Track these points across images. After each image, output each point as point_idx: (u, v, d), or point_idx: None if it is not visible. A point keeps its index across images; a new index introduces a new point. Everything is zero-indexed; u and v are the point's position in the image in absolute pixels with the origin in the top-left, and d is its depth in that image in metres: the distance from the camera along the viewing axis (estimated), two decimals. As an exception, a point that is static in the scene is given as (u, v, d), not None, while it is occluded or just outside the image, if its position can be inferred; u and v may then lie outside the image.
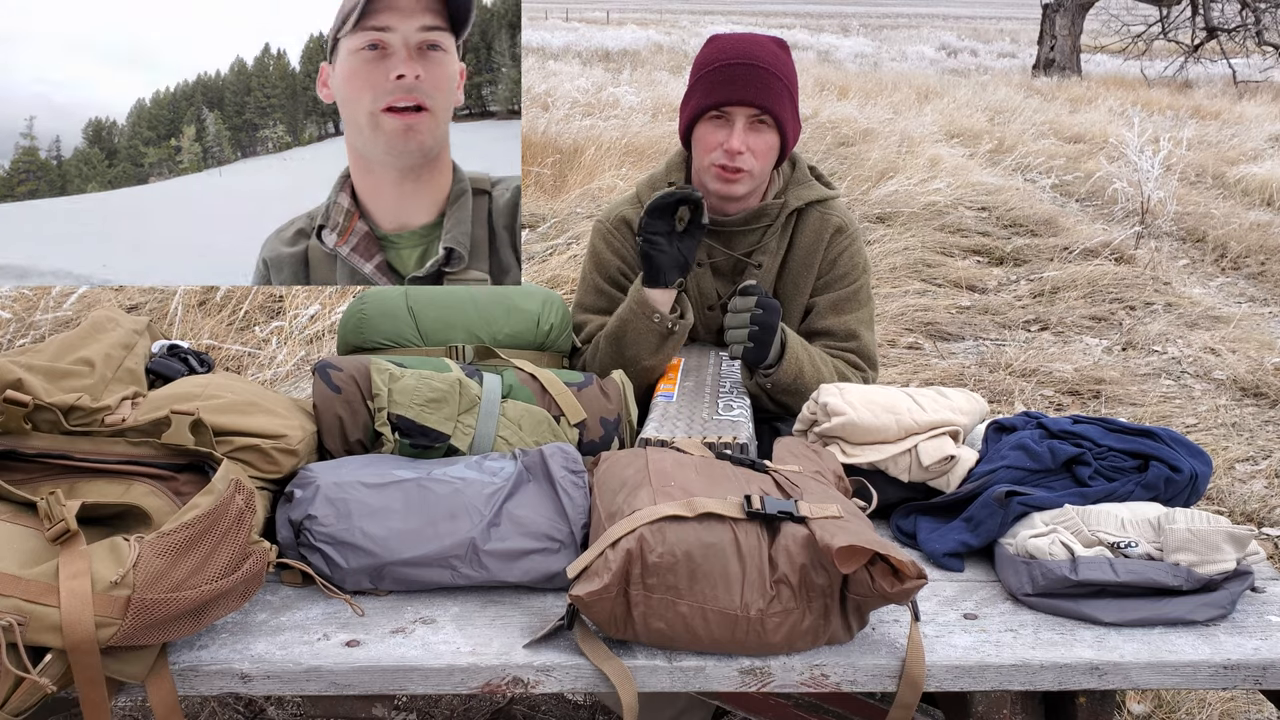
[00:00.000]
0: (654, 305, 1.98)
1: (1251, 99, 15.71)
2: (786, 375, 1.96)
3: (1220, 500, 3.42)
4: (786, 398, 1.99)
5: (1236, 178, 9.15)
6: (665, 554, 1.33)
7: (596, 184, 7.46)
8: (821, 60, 22.84)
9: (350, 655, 1.35)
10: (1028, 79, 18.89)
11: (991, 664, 1.36)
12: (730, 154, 1.98)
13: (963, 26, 43.28)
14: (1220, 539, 1.45)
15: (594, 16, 41.94)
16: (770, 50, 2.00)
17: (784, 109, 1.98)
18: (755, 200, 2.11)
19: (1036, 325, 5.36)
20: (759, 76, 1.95)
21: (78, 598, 1.19)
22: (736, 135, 1.97)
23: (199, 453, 1.43)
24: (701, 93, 2.00)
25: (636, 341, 1.99)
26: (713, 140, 2.00)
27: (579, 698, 2.36)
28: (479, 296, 2.01)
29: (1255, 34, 19.90)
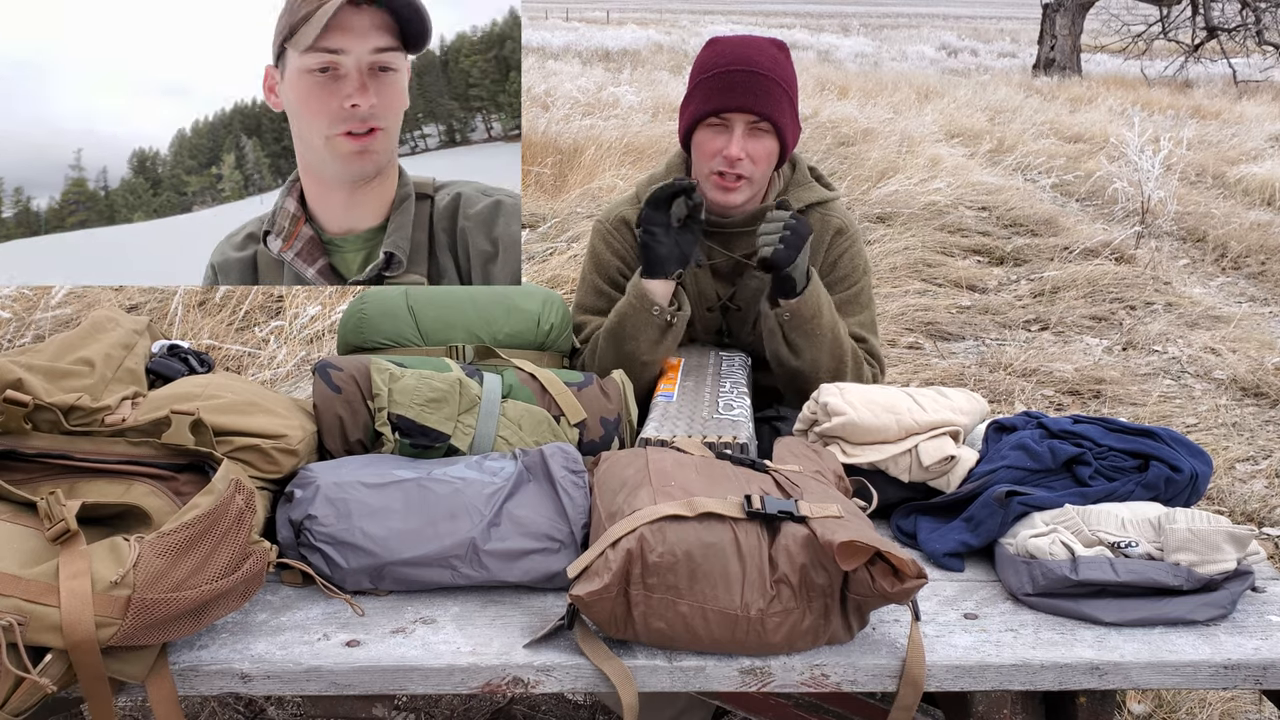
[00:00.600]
0: (652, 297, 1.98)
1: (1251, 99, 15.71)
2: (808, 307, 1.96)
3: (1220, 500, 3.42)
4: (801, 339, 1.98)
5: (1236, 178, 9.15)
6: (665, 554, 1.33)
7: (596, 184, 7.46)
8: (821, 60, 22.84)
9: (350, 655, 1.35)
10: (1028, 79, 18.89)
11: (992, 664, 1.36)
12: (729, 161, 1.98)
13: (963, 26, 43.28)
14: (1220, 539, 1.45)
15: (594, 16, 41.93)
16: (769, 54, 1.99)
17: (782, 114, 1.98)
18: (755, 202, 2.11)
19: (1036, 325, 5.36)
20: (757, 83, 1.95)
21: (78, 598, 1.19)
22: (735, 142, 1.97)
23: (199, 453, 1.43)
24: (700, 98, 1.99)
25: (635, 335, 1.99)
26: (712, 147, 2.00)
27: (579, 698, 2.36)
28: (479, 296, 2.01)
29: (1255, 34, 19.89)
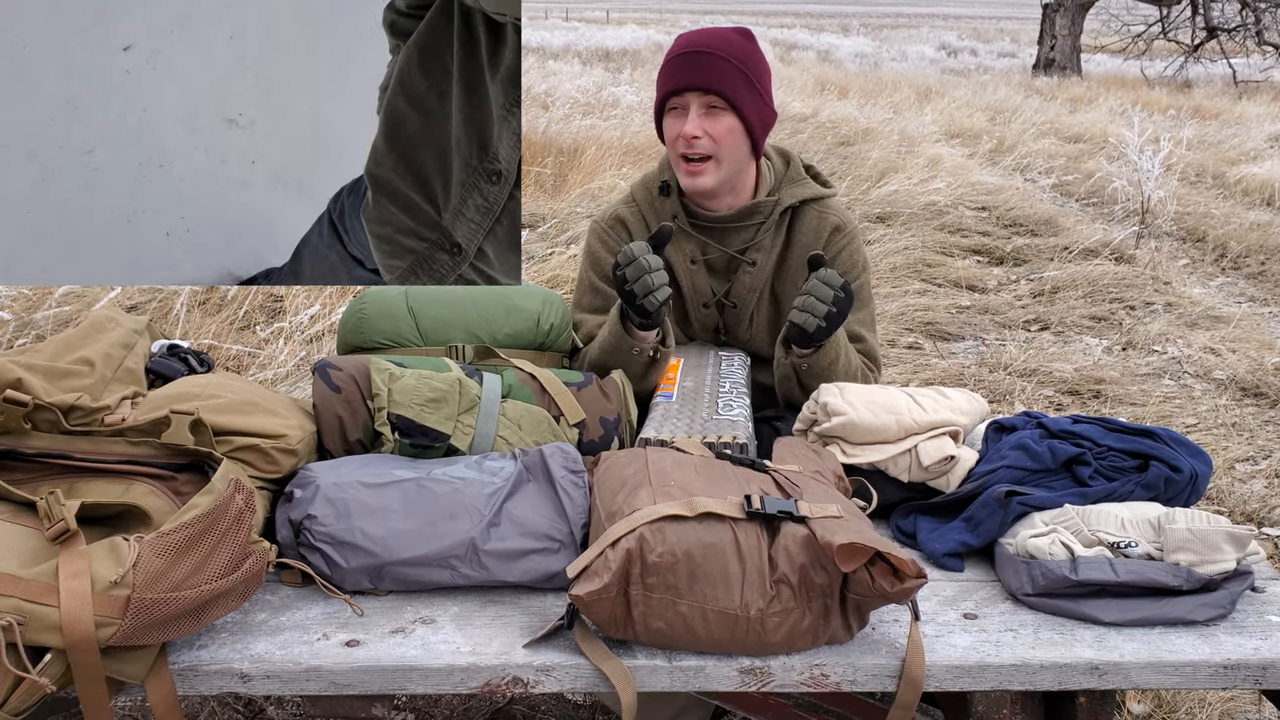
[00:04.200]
0: (634, 339, 1.97)
1: (1251, 99, 15.70)
2: (826, 358, 1.96)
3: (1220, 500, 3.42)
4: (816, 382, 1.97)
5: (1236, 178, 9.14)
6: (665, 554, 1.33)
7: (596, 184, 7.46)
8: (821, 60, 22.83)
9: (350, 655, 1.35)
10: (1028, 79, 18.88)
11: (991, 664, 1.36)
12: (687, 140, 1.97)
13: (963, 26, 43.27)
14: (1220, 539, 1.45)
15: (594, 16, 41.93)
16: (724, 37, 1.99)
17: (738, 91, 1.96)
18: (746, 196, 2.10)
19: (1036, 325, 5.36)
20: (708, 62, 1.95)
21: (77, 597, 1.19)
22: (691, 121, 1.96)
23: (199, 453, 1.43)
24: (659, 85, 2.02)
25: (621, 368, 1.97)
26: (673, 132, 2.01)
27: (579, 698, 2.36)
28: (479, 296, 2.00)
29: (1255, 34, 19.89)
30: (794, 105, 12.65)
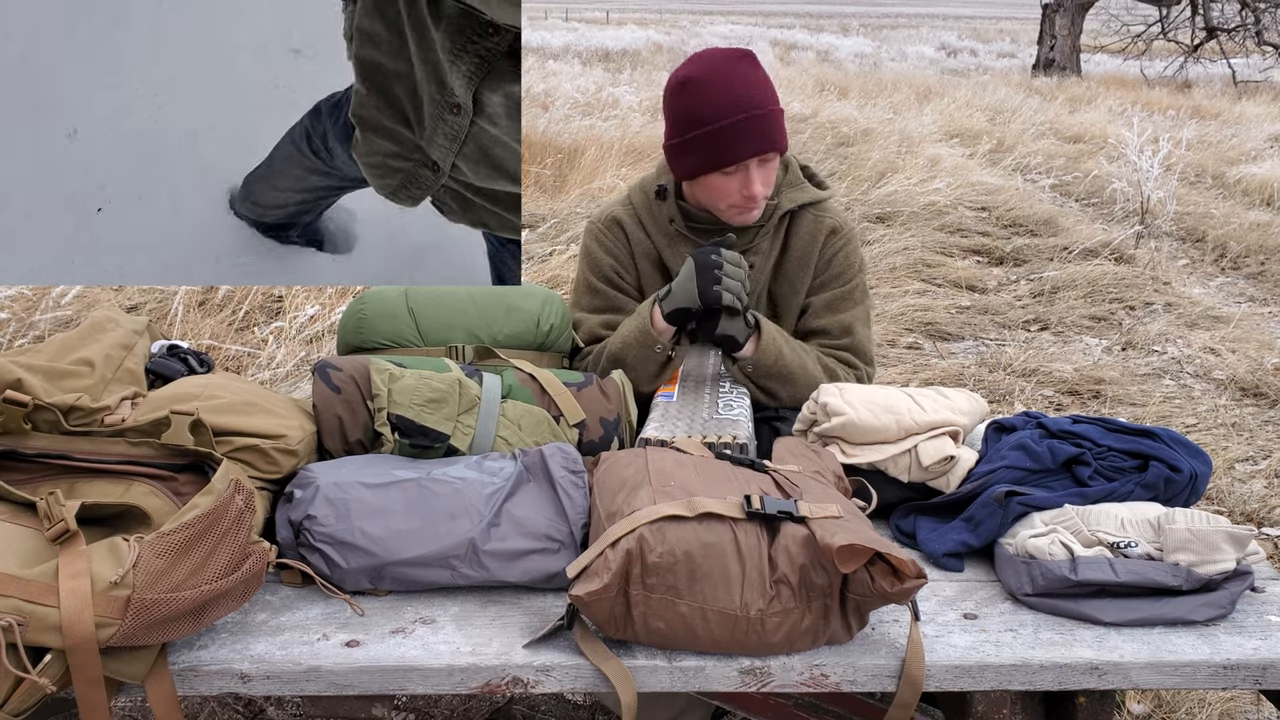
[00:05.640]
0: (656, 334, 1.97)
1: (1251, 99, 15.71)
2: (766, 356, 1.96)
3: (1220, 500, 3.42)
4: (772, 383, 1.98)
5: (1236, 178, 9.15)
6: (665, 554, 1.33)
7: (596, 184, 7.47)
8: (821, 60, 22.84)
9: (350, 655, 1.35)
10: (1027, 79, 18.89)
11: (991, 664, 1.36)
12: (755, 200, 1.98)
13: (963, 26, 43.26)
14: (1220, 539, 1.45)
15: (594, 16, 41.93)
16: (753, 81, 1.92)
17: (783, 134, 1.97)
18: None
19: (1036, 325, 5.36)
20: (761, 124, 1.91)
21: (77, 598, 1.19)
22: (756, 183, 1.95)
23: (199, 453, 1.43)
24: (708, 153, 1.93)
25: (636, 366, 1.99)
26: (728, 189, 1.97)
27: (579, 698, 2.36)
28: (479, 297, 2.01)
29: (1255, 34, 19.89)
30: (794, 105, 12.65)
